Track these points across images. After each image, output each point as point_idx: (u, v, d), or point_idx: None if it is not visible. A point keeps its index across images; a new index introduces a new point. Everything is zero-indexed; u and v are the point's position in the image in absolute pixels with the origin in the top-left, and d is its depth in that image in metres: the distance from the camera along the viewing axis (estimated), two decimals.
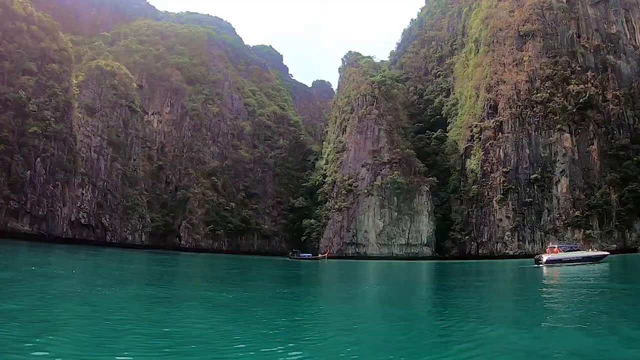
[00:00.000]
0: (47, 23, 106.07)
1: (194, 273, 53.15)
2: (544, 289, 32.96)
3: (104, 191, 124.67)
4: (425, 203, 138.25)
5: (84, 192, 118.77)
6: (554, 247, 68.26)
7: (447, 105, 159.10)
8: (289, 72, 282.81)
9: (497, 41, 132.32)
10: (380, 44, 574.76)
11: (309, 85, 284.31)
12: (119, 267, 50.79)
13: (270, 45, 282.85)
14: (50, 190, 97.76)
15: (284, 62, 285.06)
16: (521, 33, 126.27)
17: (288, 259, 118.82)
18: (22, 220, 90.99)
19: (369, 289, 36.66)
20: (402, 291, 35.95)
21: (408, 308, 23.14)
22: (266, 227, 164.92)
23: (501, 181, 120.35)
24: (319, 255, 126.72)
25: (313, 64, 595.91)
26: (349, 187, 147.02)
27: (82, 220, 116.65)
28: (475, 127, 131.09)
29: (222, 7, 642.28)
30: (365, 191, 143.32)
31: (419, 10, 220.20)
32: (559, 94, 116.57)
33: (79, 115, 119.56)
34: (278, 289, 34.59)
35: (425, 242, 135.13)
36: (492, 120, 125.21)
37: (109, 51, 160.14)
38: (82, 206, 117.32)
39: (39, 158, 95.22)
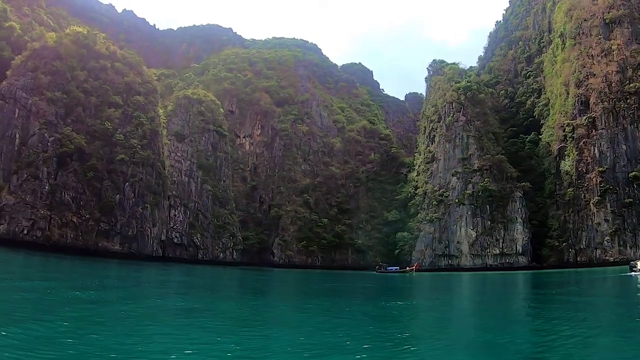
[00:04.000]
0: (130, 59, 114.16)
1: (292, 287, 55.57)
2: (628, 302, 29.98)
3: (195, 212, 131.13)
4: (519, 210, 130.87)
5: (176, 213, 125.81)
6: None
7: (538, 106, 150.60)
8: (380, 87, 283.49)
9: (582, 33, 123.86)
10: (472, 49, 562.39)
11: (402, 98, 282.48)
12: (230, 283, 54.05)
13: (359, 63, 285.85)
14: (140, 212, 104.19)
15: (375, 78, 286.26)
16: (607, 21, 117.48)
17: (375, 273, 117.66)
18: (112, 240, 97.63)
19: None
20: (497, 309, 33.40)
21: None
22: (360, 241, 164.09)
23: (598, 182, 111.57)
24: (407, 268, 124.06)
25: (407, 76, 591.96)
26: (440, 198, 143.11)
27: (175, 240, 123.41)
28: (567, 126, 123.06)
29: (307, 29, 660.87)
30: (457, 201, 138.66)
31: (504, 12, 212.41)
32: None
33: (168, 142, 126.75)
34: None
35: (520, 251, 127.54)
36: (584, 117, 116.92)
37: (199, 81, 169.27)
38: (175, 226, 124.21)
39: (127, 183, 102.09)
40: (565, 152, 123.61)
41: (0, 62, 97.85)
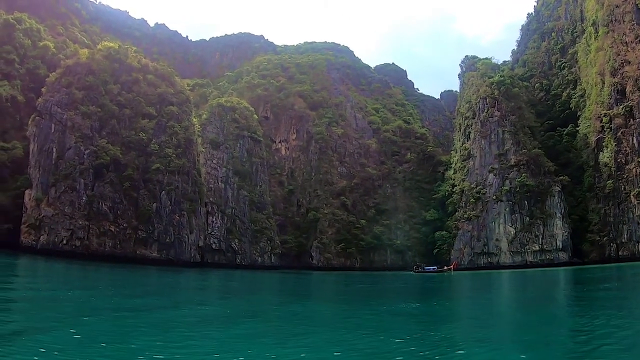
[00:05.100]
0: (162, 71, 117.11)
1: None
2: None
3: (232, 217, 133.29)
4: (558, 205, 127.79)
5: (213, 219, 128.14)
6: None
7: (575, 98, 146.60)
8: (415, 87, 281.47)
9: (615, 19, 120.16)
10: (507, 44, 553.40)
11: (437, 96, 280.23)
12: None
13: (392, 63, 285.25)
14: (177, 219, 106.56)
15: (409, 77, 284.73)
16: (639, 6, 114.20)
17: (413, 272, 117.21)
18: (150, 247, 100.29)
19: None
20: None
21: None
22: (398, 242, 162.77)
23: (637, 172, 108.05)
24: (445, 268, 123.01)
25: (443, 74, 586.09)
26: (477, 195, 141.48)
27: (213, 245, 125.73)
28: (604, 116, 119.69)
29: (338, 32, 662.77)
30: (494, 197, 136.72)
31: (535, 3, 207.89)
32: None
33: (204, 149, 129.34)
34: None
35: (560, 247, 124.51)
36: (621, 107, 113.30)
37: (232, 89, 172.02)
38: (213, 232, 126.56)
39: (163, 191, 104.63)
40: (604, 144, 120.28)
41: (36, 80, 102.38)
